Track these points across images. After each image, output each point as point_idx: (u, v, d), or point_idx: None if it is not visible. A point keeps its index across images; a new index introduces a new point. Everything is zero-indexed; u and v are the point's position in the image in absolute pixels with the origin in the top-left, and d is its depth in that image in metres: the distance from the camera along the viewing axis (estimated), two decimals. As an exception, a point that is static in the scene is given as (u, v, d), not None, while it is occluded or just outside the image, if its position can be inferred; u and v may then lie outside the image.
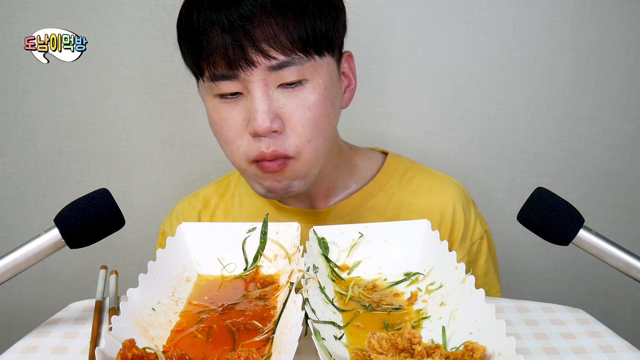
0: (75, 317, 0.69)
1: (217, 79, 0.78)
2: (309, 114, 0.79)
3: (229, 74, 0.77)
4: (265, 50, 0.75)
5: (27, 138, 1.26)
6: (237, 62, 0.75)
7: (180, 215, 1.01)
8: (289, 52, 0.76)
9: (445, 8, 1.21)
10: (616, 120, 1.28)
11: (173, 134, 1.28)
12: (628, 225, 1.35)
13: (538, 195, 0.69)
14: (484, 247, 0.98)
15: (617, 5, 1.21)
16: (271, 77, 0.77)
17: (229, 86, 0.78)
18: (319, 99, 0.79)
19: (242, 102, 0.79)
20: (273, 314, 0.64)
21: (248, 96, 0.78)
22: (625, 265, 0.65)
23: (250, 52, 0.75)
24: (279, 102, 0.78)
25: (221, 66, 0.76)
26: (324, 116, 0.80)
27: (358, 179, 0.96)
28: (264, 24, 0.74)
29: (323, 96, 0.80)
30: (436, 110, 1.27)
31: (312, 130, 0.79)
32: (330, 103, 0.81)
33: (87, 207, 0.64)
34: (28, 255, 0.63)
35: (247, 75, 0.76)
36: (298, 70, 0.77)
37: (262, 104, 0.76)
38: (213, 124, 0.83)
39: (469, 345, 0.54)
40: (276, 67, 0.76)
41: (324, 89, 0.80)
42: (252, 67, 0.75)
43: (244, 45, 0.74)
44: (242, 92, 0.78)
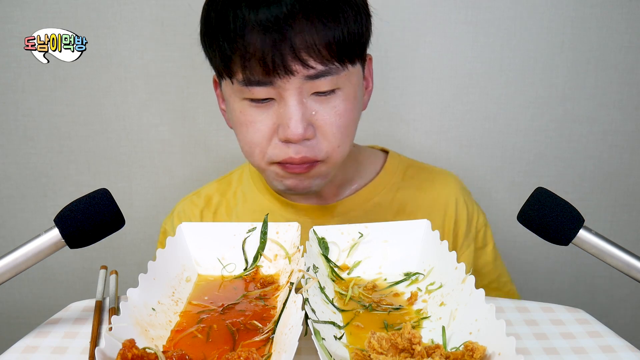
0: (75, 317, 0.69)
1: (251, 84, 0.76)
2: (339, 121, 0.79)
3: (265, 80, 0.75)
4: (304, 59, 0.74)
5: (27, 138, 1.26)
6: (275, 70, 0.74)
7: (182, 214, 1.01)
8: (326, 62, 0.75)
9: (445, 8, 1.21)
10: (616, 120, 1.28)
11: (173, 134, 1.28)
12: (628, 225, 1.35)
13: (538, 195, 0.69)
14: (489, 233, 1.00)
15: (617, 5, 1.21)
16: (306, 86, 0.76)
17: (262, 92, 0.77)
18: (349, 107, 0.80)
19: (273, 107, 0.78)
20: (273, 314, 0.64)
21: (281, 102, 0.77)
22: (625, 265, 0.65)
23: (290, 61, 0.74)
24: (311, 109, 0.78)
25: (257, 72, 0.75)
26: (353, 122, 0.82)
27: (363, 176, 0.97)
28: (304, 32, 0.73)
29: (352, 104, 0.81)
30: (436, 110, 1.27)
31: (342, 136, 0.81)
32: (358, 109, 0.83)
33: (87, 207, 0.64)
34: (28, 255, 0.63)
35: (284, 82, 0.75)
36: (332, 80, 0.77)
37: (296, 112, 0.76)
38: (238, 125, 0.82)
39: (469, 345, 0.54)
40: (313, 77, 0.76)
41: (354, 97, 0.81)
42: (290, 75, 0.74)
43: (283, 53, 0.73)
44: (274, 98, 0.78)
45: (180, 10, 1.20)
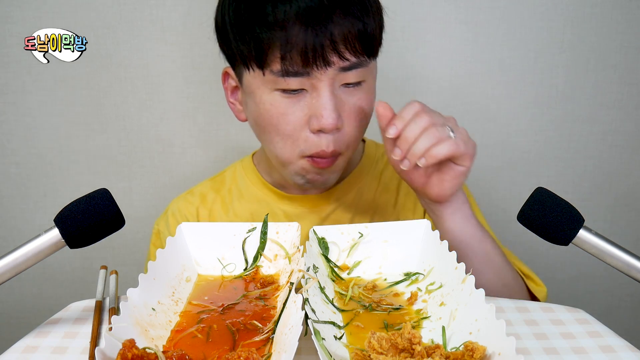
0: (75, 317, 0.69)
1: (288, 75, 0.77)
2: (362, 113, 0.83)
3: (302, 71, 0.77)
4: (341, 51, 0.76)
5: (27, 138, 1.26)
6: (314, 61, 0.76)
7: (177, 213, 1.01)
8: (358, 55, 0.78)
9: (445, 8, 1.21)
10: (616, 120, 1.28)
11: (173, 134, 1.28)
12: (628, 225, 1.35)
13: (538, 195, 0.69)
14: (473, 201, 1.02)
15: (617, 5, 1.21)
16: (338, 77, 0.79)
17: (296, 82, 0.78)
18: (370, 99, 0.84)
19: (305, 98, 0.80)
20: (273, 314, 0.64)
21: (313, 93, 0.79)
22: (625, 265, 0.65)
23: (329, 52, 0.76)
24: (340, 100, 0.80)
25: (297, 63, 0.76)
26: (370, 115, 0.86)
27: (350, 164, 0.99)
28: (341, 23, 0.76)
29: (372, 97, 0.85)
30: (436, 110, 1.27)
31: (362, 128, 0.85)
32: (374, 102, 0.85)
33: (87, 207, 0.64)
34: (28, 255, 0.63)
35: (320, 73, 0.77)
36: (360, 72, 0.80)
37: (329, 101, 0.78)
38: (268, 117, 0.82)
39: (469, 345, 0.54)
40: (346, 68, 0.78)
41: (373, 90, 0.85)
42: (327, 66, 0.77)
43: (324, 44, 0.75)
44: (305, 89, 0.79)
45: (180, 10, 1.20)
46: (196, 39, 1.22)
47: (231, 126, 1.27)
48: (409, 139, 0.76)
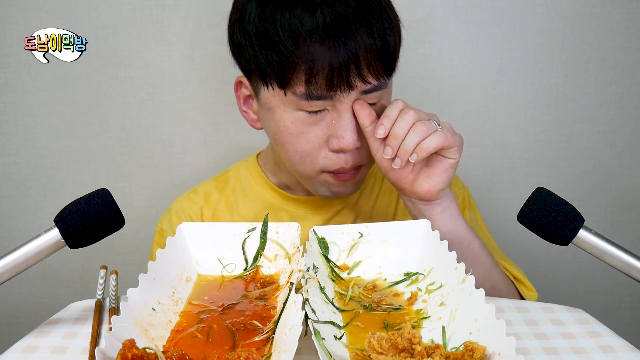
0: (75, 317, 0.69)
1: (312, 98, 0.77)
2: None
3: (326, 95, 0.77)
4: (364, 75, 0.77)
5: (27, 138, 1.26)
6: (338, 85, 0.76)
7: (181, 212, 1.01)
8: (379, 77, 0.79)
9: (445, 8, 1.21)
10: (616, 120, 1.28)
11: (173, 134, 1.28)
12: (628, 225, 1.35)
13: (538, 195, 0.69)
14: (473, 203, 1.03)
15: (617, 5, 1.21)
16: (360, 98, 0.79)
17: (319, 104, 0.79)
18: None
19: (326, 118, 0.80)
20: (273, 314, 0.64)
21: (334, 113, 0.80)
22: (625, 265, 0.65)
23: (353, 76, 0.76)
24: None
25: (321, 87, 0.76)
26: None
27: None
28: (366, 47, 0.76)
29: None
30: (436, 110, 1.27)
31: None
32: None
33: (87, 207, 0.64)
34: (28, 255, 0.63)
35: (343, 96, 0.78)
36: (379, 93, 0.81)
37: (350, 123, 0.79)
38: (288, 135, 0.82)
39: (469, 345, 0.54)
40: (367, 91, 0.79)
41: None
42: (349, 90, 0.77)
43: (349, 67, 0.75)
44: (327, 109, 0.80)
45: (180, 10, 1.20)
46: (196, 39, 1.22)
47: (231, 126, 1.27)
48: (398, 136, 0.77)
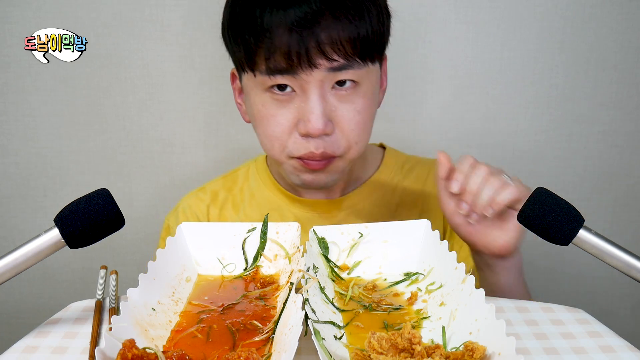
0: (75, 317, 0.69)
1: (273, 74, 0.78)
2: (358, 117, 0.82)
3: (288, 71, 0.77)
4: (328, 53, 0.76)
5: (27, 138, 1.26)
6: (299, 63, 0.76)
7: (188, 209, 1.01)
8: (349, 57, 0.77)
9: (445, 8, 1.21)
10: (616, 120, 1.28)
11: (173, 134, 1.28)
12: (628, 225, 1.35)
13: (538, 195, 0.69)
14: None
15: (617, 5, 1.21)
16: (328, 78, 0.78)
17: (284, 80, 0.79)
18: (367, 104, 0.82)
19: (294, 101, 0.80)
20: (273, 314, 0.64)
21: (302, 96, 0.79)
22: (625, 265, 0.65)
23: (314, 54, 0.76)
24: (331, 105, 0.80)
25: (281, 63, 0.77)
26: (369, 120, 0.85)
27: (366, 171, 1.00)
28: (329, 27, 0.75)
29: (370, 101, 0.83)
30: (436, 110, 1.27)
31: (360, 132, 0.83)
32: (374, 107, 0.86)
33: (87, 207, 0.64)
34: (28, 255, 0.63)
35: (307, 75, 0.77)
36: (354, 73, 0.79)
37: (317, 106, 0.78)
38: (259, 119, 0.83)
39: (469, 345, 0.54)
40: (335, 69, 0.78)
41: (372, 94, 0.83)
42: (312, 68, 0.77)
43: (308, 47, 0.75)
44: (295, 91, 0.80)
45: (180, 10, 1.20)
46: (196, 39, 1.22)
47: (231, 126, 1.27)
48: (472, 190, 0.77)
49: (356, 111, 0.81)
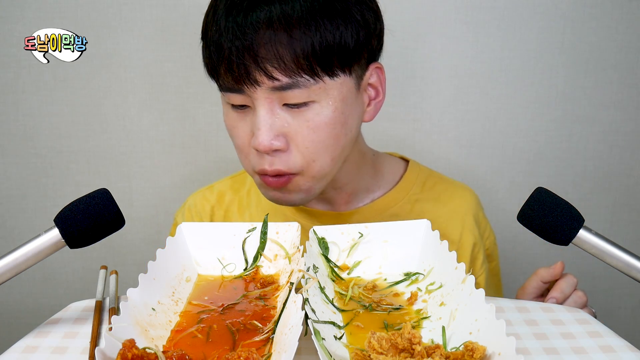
0: (75, 317, 0.69)
1: (225, 90, 0.79)
2: (313, 135, 0.77)
3: (235, 87, 0.76)
4: (269, 71, 0.73)
5: (27, 138, 1.26)
6: (241, 79, 0.74)
7: (193, 208, 1.00)
8: (293, 75, 0.73)
9: (445, 8, 1.21)
10: (616, 120, 1.28)
11: (173, 134, 1.28)
12: (628, 225, 1.35)
13: (538, 195, 0.69)
14: (497, 250, 1.02)
15: (617, 5, 1.21)
16: (275, 96, 0.75)
17: (236, 98, 0.78)
18: (326, 121, 0.77)
19: (249, 115, 0.79)
20: (273, 314, 0.64)
21: (253, 111, 0.77)
22: (625, 265, 0.65)
23: (254, 72, 0.73)
24: (283, 120, 0.76)
25: (228, 79, 0.76)
26: (331, 138, 0.78)
27: (382, 185, 0.95)
28: (270, 43, 0.72)
29: (331, 118, 0.77)
30: (436, 110, 1.27)
31: (317, 151, 0.78)
32: (341, 124, 0.79)
33: (87, 207, 0.64)
34: (28, 255, 0.63)
35: (252, 92, 0.75)
36: (303, 92, 0.74)
37: (264, 122, 0.75)
38: (227, 129, 0.84)
39: (469, 345, 0.54)
40: (279, 88, 0.74)
41: (333, 111, 0.77)
42: (255, 85, 0.74)
43: (247, 64, 0.73)
44: (249, 106, 0.78)
45: (180, 10, 1.20)
46: (196, 39, 1.21)
47: (231, 126, 1.26)
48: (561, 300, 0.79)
49: (311, 129, 0.76)
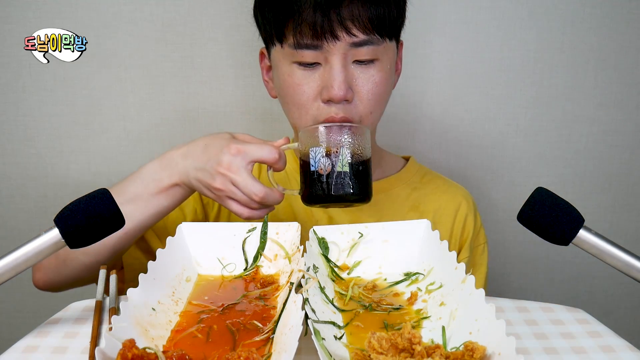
0: (75, 317, 0.69)
1: (301, 47, 0.84)
2: (375, 89, 0.87)
3: (313, 44, 0.83)
4: (349, 27, 0.82)
5: (27, 138, 1.26)
6: (323, 35, 0.82)
7: None
8: (368, 32, 0.84)
9: (445, 8, 1.21)
10: (616, 120, 1.28)
11: (173, 133, 1.28)
12: (628, 225, 1.35)
13: (538, 195, 0.69)
14: (486, 254, 1.04)
15: (617, 5, 1.21)
16: (350, 53, 0.84)
17: (310, 55, 0.85)
18: (384, 77, 0.88)
19: (319, 71, 0.86)
20: (273, 314, 0.65)
21: (326, 66, 0.85)
22: (625, 265, 0.65)
23: (337, 28, 0.82)
24: (353, 75, 0.86)
25: (307, 36, 0.83)
26: (385, 93, 0.91)
27: (384, 170, 1.04)
28: (352, 4, 0.82)
29: (387, 75, 0.89)
30: (436, 110, 1.27)
31: (375, 103, 0.88)
32: (390, 82, 0.92)
33: (87, 207, 0.64)
34: (28, 255, 0.63)
35: (331, 47, 0.83)
36: (373, 49, 0.85)
37: (339, 75, 0.84)
38: (285, 88, 0.89)
39: (469, 345, 0.54)
40: (356, 44, 0.84)
41: (389, 69, 0.89)
42: (335, 40, 0.83)
43: (332, 20, 0.82)
44: (320, 62, 0.85)
45: (181, 10, 1.20)
46: (196, 39, 1.22)
47: (231, 127, 1.27)
48: None
49: (374, 83, 0.87)
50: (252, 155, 0.78)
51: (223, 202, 0.80)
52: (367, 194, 0.79)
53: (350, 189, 0.77)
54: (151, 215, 0.83)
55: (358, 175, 0.78)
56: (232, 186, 0.78)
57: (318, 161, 0.78)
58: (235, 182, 0.77)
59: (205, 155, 0.80)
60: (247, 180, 0.77)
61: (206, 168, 0.79)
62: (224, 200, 0.79)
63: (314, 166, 0.78)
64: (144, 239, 0.92)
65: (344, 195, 0.77)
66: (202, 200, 0.98)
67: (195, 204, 0.97)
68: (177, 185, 0.83)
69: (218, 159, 0.78)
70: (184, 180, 0.82)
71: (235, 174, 0.77)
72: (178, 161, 0.83)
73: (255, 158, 0.79)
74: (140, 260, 0.92)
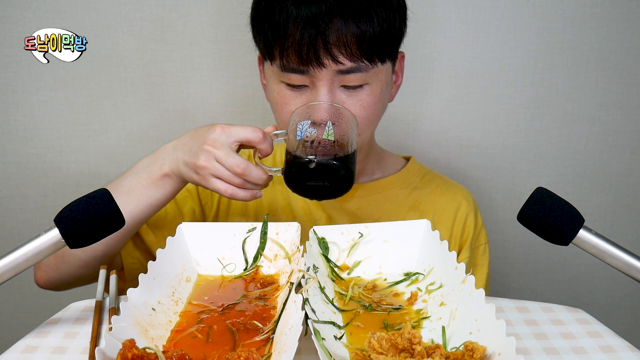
0: (75, 317, 0.69)
1: (287, 70, 0.84)
2: (363, 113, 0.86)
3: (300, 68, 0.82)
4: (335, 55, 0.81)
5: (27, 138, 1.26)
6: (308, 61, 0.81)
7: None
8: (356, 59, 0.82)
9: (445, 8, 1.21)
10: (616, 120, 1.28)
11: (173, 134, 1.27)
12: (628, 225, 1.35)
13: (538, 195, 0.69)
14: (488, 254, 1.04)
15: (617, 5, 1.21)
16: (337, 78, 0.83)
17: (297, 78, 0.84)
18: (374, 101, 0.86)
19: (306, 93, 0.85)
20: (273, 314, 0.65)
21: (313, 90, 0.84)
22: (625, 265, 0.65)
23: (322, 55, 0.80)
24: (338, 99, 0.84)
25: (293, 61, 0.82)
26: (375, 115, 0.89)
27: (384, 170, 1.03)
28: (338, 30, 0.80)
29: (378, 98, 0.87)
30: (436, 110, 1.27)
31: (363, 126, 0.87)
32: (382, 103, 0.90)
33: (87, 207, 0.64)
34: (28, 255, 0.63)
35: (316, 72, 0.82)
36: (362, 76, 0.84)
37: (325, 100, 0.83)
38: (274, 104, 0.89)
39: (469, 345, 0.54)
40: (343, 72, 0.82)
41: (380, 92, 0.87)
42: (321, 67, 0.81)
43: (317, 47, 0.80)
44: (307, 85, 0.84)
45: (180, 10, 1.20)
46: (196, 39, 1.22)
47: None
48: None
49: (362, 107, 0.85)
50: (236, 134, 0.79)
51: (207, 182, 0.79)
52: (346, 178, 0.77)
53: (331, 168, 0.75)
54: (144, 208, 0.83)
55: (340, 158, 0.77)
56: (215, 162, 0.78)
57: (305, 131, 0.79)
58: (218, 158, 0.78)
59: (192, 140, 0.82)
60: (229, 153, 0.78)
61: (192, 149, 0.80)
62: (208, 179, 0.79)
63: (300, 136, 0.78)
64: (143, 238, 0.92)
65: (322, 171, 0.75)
66: (200, 201, 0.98)
67: (193, 204, 0.97)
68: (167, 176, 0.83)
69: (203, 138, 0.80)
70: (174, 169, 0.83)
71: (218, 149, 0.78)
72: (169, 152, 0.84)
73: (239, 137, 0.79)
74: (140, 260, 0.92)
